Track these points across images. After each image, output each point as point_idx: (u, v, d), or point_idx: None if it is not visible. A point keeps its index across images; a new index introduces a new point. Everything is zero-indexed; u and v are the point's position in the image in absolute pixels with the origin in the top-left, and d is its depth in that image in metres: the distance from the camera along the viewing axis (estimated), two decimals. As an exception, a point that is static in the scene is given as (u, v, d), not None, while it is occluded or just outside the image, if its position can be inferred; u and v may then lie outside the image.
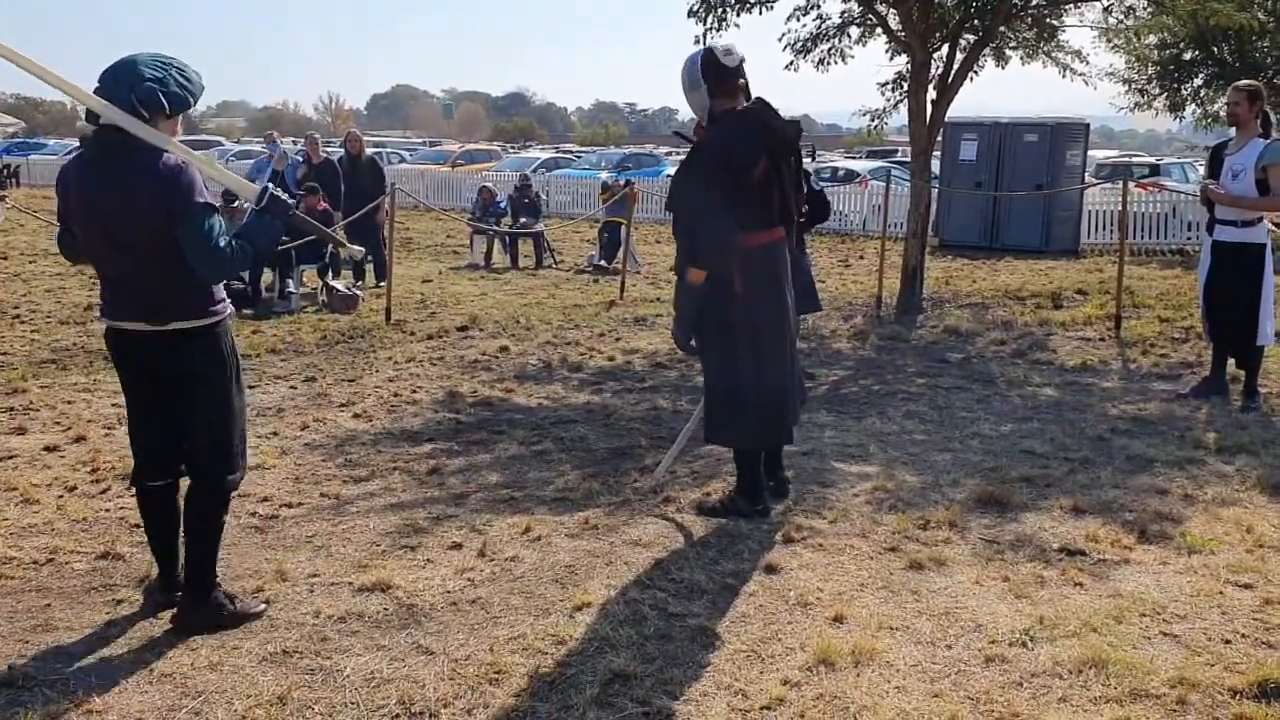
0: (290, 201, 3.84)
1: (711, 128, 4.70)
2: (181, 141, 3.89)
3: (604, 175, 24.01)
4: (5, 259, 14.00)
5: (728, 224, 4.53)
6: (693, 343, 4.88)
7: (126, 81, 3.55)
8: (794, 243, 5.04)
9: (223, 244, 3.56)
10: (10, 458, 5.70)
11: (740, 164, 4.55)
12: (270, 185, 3.86)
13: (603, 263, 14.73)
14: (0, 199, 8.89)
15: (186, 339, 3.66)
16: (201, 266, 3.56)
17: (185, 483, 3.87)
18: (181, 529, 3.90)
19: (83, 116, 3.73)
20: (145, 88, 3.53)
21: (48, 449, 5.85)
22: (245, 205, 3.81)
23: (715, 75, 4.63)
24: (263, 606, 3.93)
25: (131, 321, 3.67)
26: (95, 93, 3.55)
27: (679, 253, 4.78)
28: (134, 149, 3.53)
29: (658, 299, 11.96)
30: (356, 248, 4.56)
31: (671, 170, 26.68)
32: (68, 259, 3.92)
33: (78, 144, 3.83)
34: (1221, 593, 4.10)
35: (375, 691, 3.34)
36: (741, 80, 4.68)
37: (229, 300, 3.85)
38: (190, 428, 3.77)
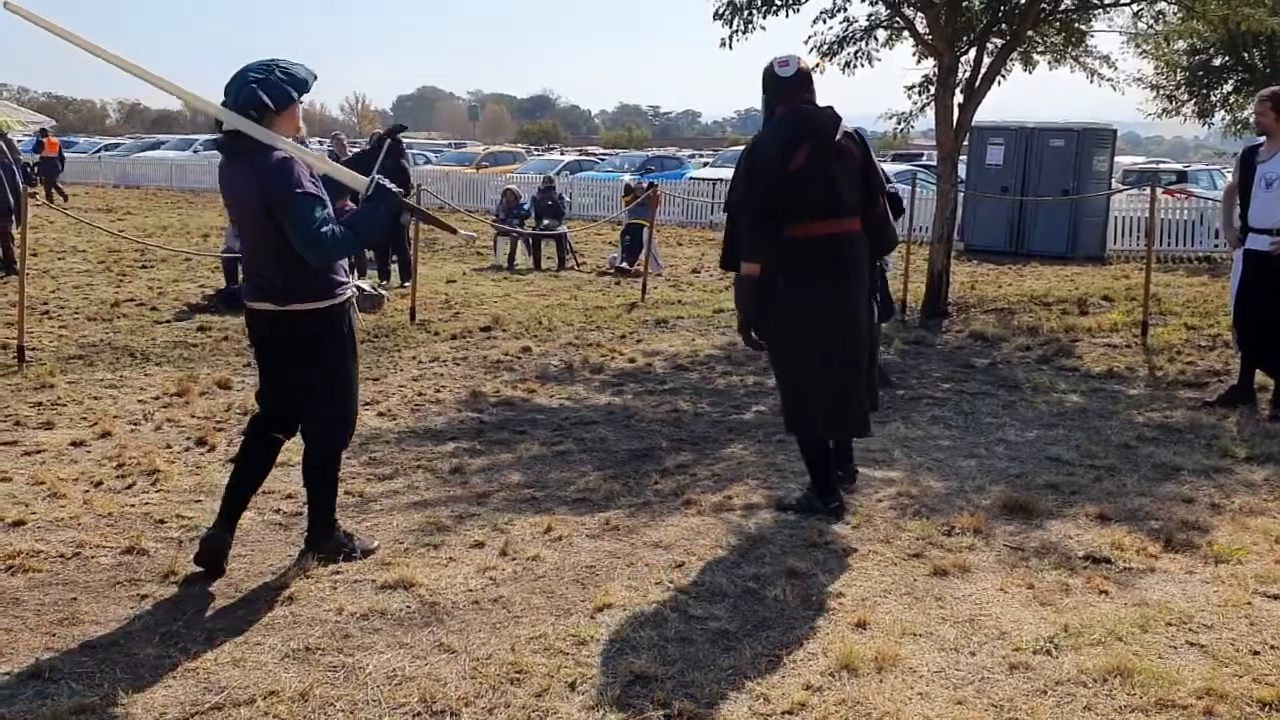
0: (399, 191, 4.19)
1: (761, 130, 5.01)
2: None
3: (627, 177, 24.01)
4: (35, 255, 14.13)
5: (765, 215, 4.72)
6: (754, 336, 4.94)
7: (234, 88, 3.93)
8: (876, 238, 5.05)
9: (325, 230, 3.89)
10: (38, 452, 5.75)
11: (770, 157, 4.74)
12: (378, 176, 4.15)
13: (624, 265, 14.74)
14: (31, 196, 8.97)
15: (309, 319, 4.04)
16: (305, 251, 3.90)
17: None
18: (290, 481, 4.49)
19: (112, 117, 3.97)
20: (248, 91, 3.89)
21: (74, 444, 5.90)
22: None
23: (772, 84, 4.90)
24: (376, 543, 4.45)
25: (259, 302, 4.07)
26: (222, 103, 3.95)
27: (725, 250, 5.02)
28: (247, 149, 3.92)
29: (679, 301, 11.96)
30: (469, 232, 5.05)
31: (694, 173, 26.83)
32: None
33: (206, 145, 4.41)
34: (1249, 603, 4.05)
35: (397, 689, 3.35)
36: (801, 91, 4.86)
37: (349, 284, 4.22)
38: (309, 397, 4.16)
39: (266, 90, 3.89)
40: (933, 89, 11.46)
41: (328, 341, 4.10)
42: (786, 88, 4.85)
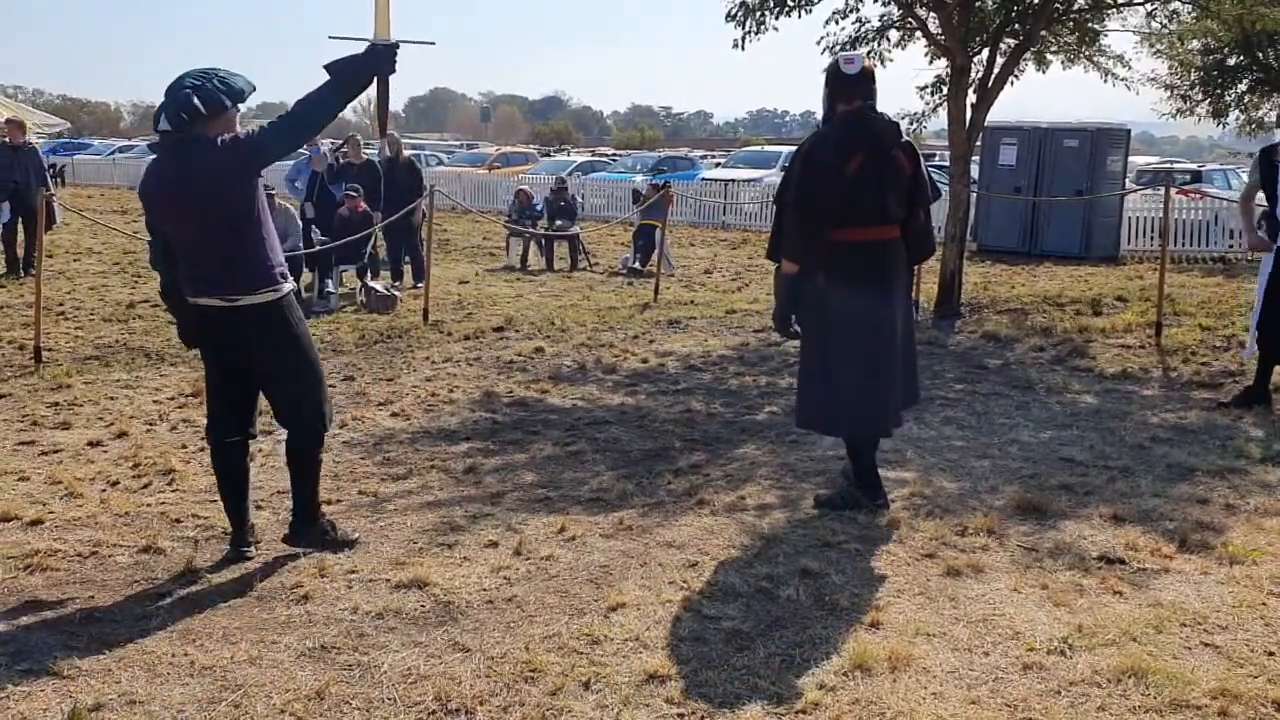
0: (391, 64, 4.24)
1: (820, 128, 5.02)
2: None
3: (638, 179, 23.98)
4: (51, 257, 14.21)
5: (810, 218, 4.76)
6: (793, 328, 5.05)
7: (171, 93, 4.08)
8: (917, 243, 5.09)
9: (290, 114, 4.16)
10: (56, 452, 5.80)
11: (827, 161, 4.77)
12: (400, 42, 4.27)
13: (637, 265, 14.76)
14: (48, 198, 9.03)
15: (262, 311, 4.13)
16: (298, 129, 4.15)
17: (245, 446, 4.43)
18: (283, 473, 4.53)
19: (125, 119, 4.01)
20: (183, 95, 4.04)
21: (91, 444, 5.94)
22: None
23: (834, 81, 4.91)
24: (356, 535, 4.55)
25: (209, 298, 4.13)
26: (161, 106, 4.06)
27: (772, 242, 5.04)
28: (198, 141, 4.02)
29: (691, 302, 11.96)
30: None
31: (706, 174, 26.84)
32: (159, 268, 4.36)
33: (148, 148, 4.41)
34: (1264, 604, 4.04)
35: (412, 688, 3.37)
36: (862, 89, 4.87)
37: (288, 276, 4.30)
38: (280, 387, 4.29)
39: (202, 97, 4.04)
40: (945, 89, 11.45)
41: (285, 331, 4.21)
42: (850, 85, 4.86)
